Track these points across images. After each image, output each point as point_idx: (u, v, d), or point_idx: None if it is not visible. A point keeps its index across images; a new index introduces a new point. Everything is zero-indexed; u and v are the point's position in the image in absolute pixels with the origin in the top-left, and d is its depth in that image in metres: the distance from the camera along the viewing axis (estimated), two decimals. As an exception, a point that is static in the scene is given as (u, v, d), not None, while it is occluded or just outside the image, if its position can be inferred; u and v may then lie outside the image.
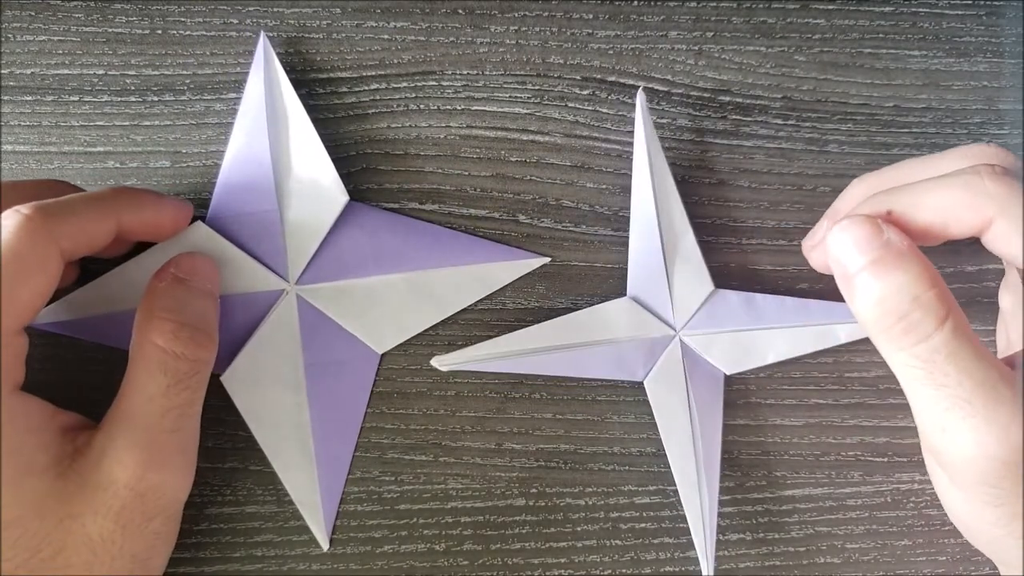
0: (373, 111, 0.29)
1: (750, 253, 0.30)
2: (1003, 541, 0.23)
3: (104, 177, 0.28)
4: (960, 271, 0.30)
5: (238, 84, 0.28)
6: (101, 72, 0.28)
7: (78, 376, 0.27)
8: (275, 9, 0.29)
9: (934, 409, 0.22)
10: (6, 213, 0.22)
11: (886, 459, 0.30)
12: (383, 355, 0.29)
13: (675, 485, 0.28)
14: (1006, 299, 0.27)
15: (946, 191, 0.23)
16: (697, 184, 0.30)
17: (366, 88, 0.29)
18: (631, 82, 0.29)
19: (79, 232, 0.23)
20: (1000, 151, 0.25)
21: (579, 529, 0.29)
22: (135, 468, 0.23)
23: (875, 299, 0.23)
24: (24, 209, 0.22)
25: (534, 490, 0.29)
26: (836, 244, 0.24)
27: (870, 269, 0.23)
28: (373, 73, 0.29)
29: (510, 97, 0.29)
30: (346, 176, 0.28)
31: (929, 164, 0.26)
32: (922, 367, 0.22)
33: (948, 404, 0.22)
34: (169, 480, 0.24)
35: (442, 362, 0.28)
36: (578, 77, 0.29)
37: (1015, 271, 0.27)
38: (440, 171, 0.29)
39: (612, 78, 0.29)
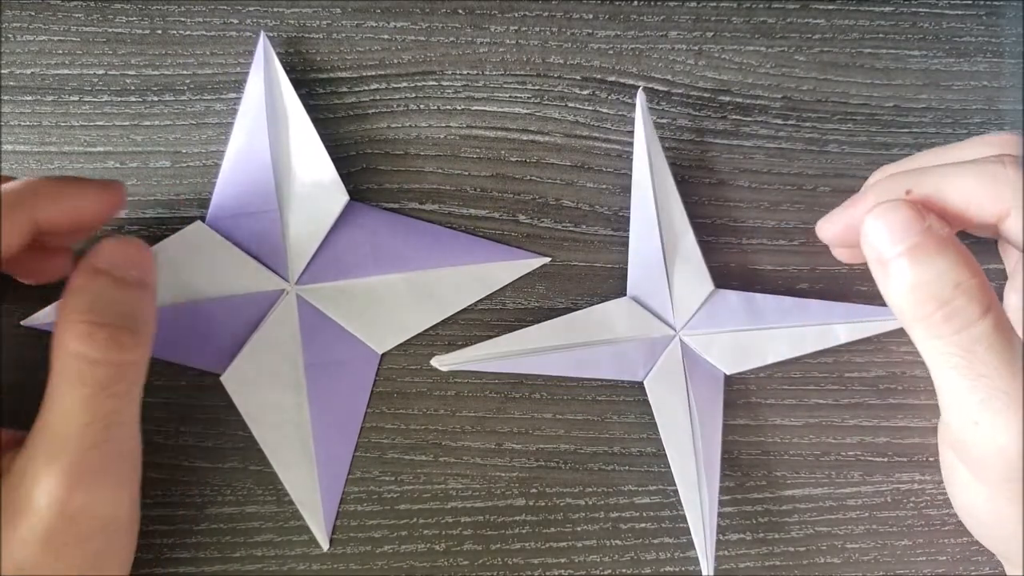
0: (373, 111, 0.29)
1: (750, 253, 0.30)
2: (1020, 539, 0.22)
3: (104, 177, 0.28)
4: (960, 271, 0.30)
5: (238, 84, 0.28)
6: (101, 72, 0.28)
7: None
8: (275, 9, 0.29)
9: (968, 400, 0.22)
10: None
11: (886, 459, 0.30)
12: (383, 355, 0.29)
13: (675, 485, 0.28)
14: (1012, 299, 0.27)
15: (969, 177, 0.23)
16: (697, 184, 0.30)
17: (366, 88, 0.29)
18: (631, 82, 0.29)
19: (12, 233, 0.21)
20: (1021, 140, 0.24)
21: (579, 529, 0.29)
22: (58, 490, 0.20)
23: (912, 284, 0.22)
24: None
25: (534, 490, 0.29)
26: (873, 229, 0.23)
27: (909, 254, 0.22)
28: (373, 73, 0.29)
29: (510, 97, 0.29)
30: (346, 176, 0.28)
31: (952, 152, 0.25)
32: (961, 356, 0.22)
33: (985, 395, 0.21)
34: (100, 498, 0.21)
35: (442, 362, 0.28)
36: (578, 77, 0.29)
37: (1019, 273, 0.27)
38: (440, 171, 0.29)
39: (612, 78, 0.29)
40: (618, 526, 0.29)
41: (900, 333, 0.28)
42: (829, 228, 0.27)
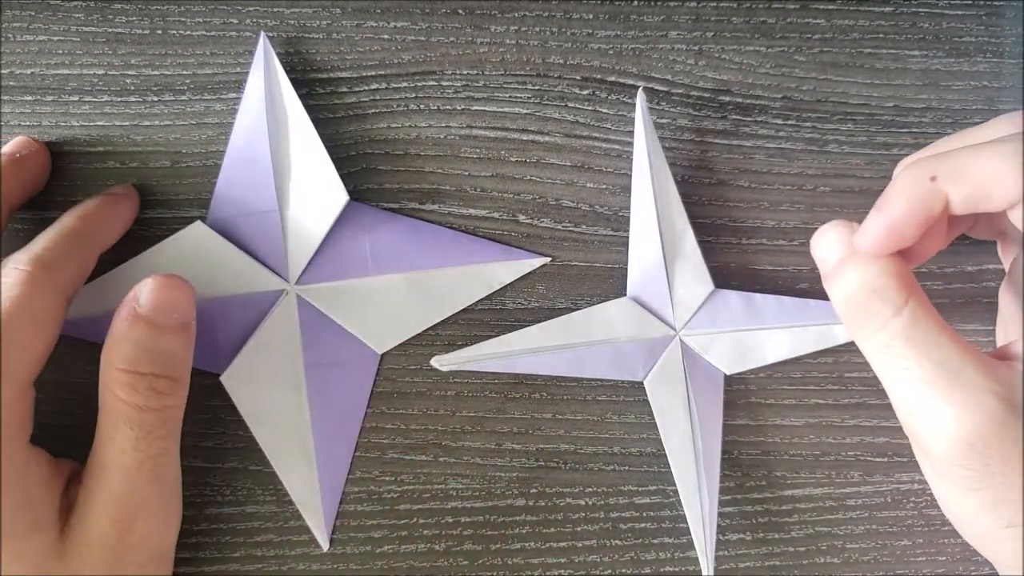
0: (373, 111, 0.29)
1: (750, 253, 0.30)
2: (991, 531, 0.22)
3: (104, 177, 0.28)
4: (960, 271, 0.30)
5: (238, 84, 0.28)
6: (101, 72, 0.28)
7: (78, 376, 0.27)
8: (275, 9, 0.28)
9: (903, 394, 0.23)
10: (5, 270, 0.23)
11: (886, 459, 0.30)
12: (383, 355, 0.29)
13: (675, 485, 0.28)
14: (1006, 300, 0.27)
15: (993, 159, 0.22)
16: (697, 184, 0.30)
17: (366, 88, 0.29)
18: (631, 82, 0.29)
19: (76, 273, 0.24)
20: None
21: (579, 529, 0.29)
22: (122, 523, 0.23)
23: (843, 295, 0.24)
24: (23, 265, 0.23)
25: (534, 490, 0.29)
26: (815, 248, 0.25)
27: (837, 270, 0.24)
28: (373, 73, 0.29)
29: (510, 97, 0.29)
30: (346, 176, 0.28)
31: (976, 134, 0.25)
32: (886, 353, 0.23)
33: (912, 388, 0.22)
34: (155, 527, 0.24)
35: (442, 362, 0.28)
36: (578, 77, 0.29)
37: (1016, 271, 0.27)
38: (440, 171, 0.29)
39: (612, 78, 0.29)
40: (618, 526, 0.29)
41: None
42: (870, 240, 0.23)
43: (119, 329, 0.23)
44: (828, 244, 0.25)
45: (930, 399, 0.22)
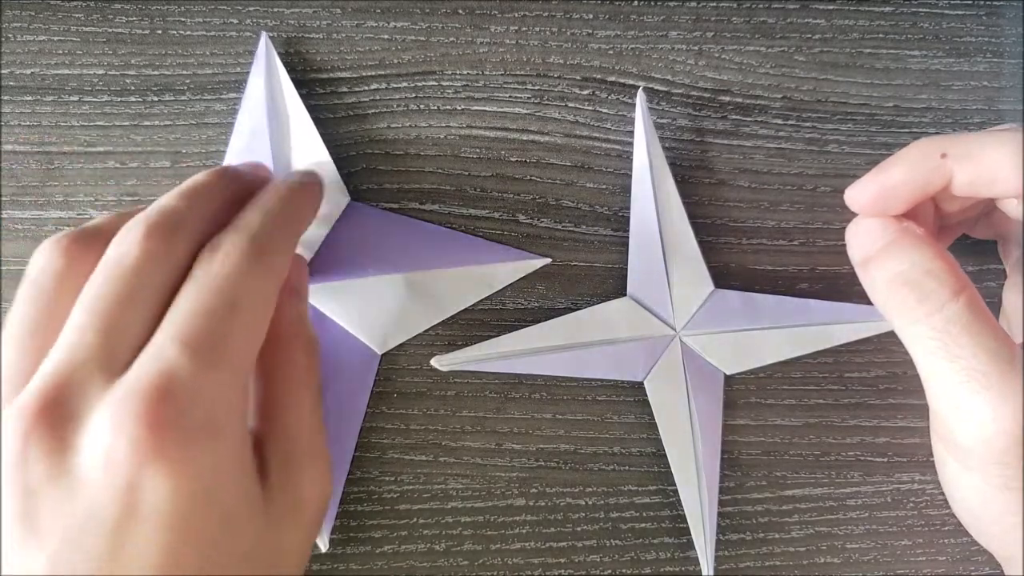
0: (373, 111, 0.29)
1: (750, 253, 0.30)
2: (1012, 531, 0.22)
3: (104, 177, 0.28)
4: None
5: (238, 84, 0.28)
6: (101, 72, 0.28)
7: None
8: (275, 9, 0.29)
9: (949, 383, 0.22)
10: (226, 249, 0.21)
11: (886, 459, 0.30)
12: (383, 355, 0.29)
13: (675, 485, 0.28)
14: (1010, 299, 0.27)
15: (1005, 145, 0.23)
16: (697, 184, 0.30)
17: (366, 88, 0.29)
18: (631, 82, 0.29)
19: (287, 259, 0.23)
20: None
21: (579, 529, 0.29)
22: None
23: (890, 276, 0.23)
24: (245, 244, 0.22)
25: (534, 490, 0.29)
26: (854, 234, 0.25)
27: (886, 250, 0.24)
28: (373, 73, 0.29)
29: (510, 97, 0.29)
30: (346, 176, 0.28)
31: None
32: (937, 338, 0.22)
33: (963, 377, 0.22)
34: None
35: (442, 362, 0.28)
36: (578, 77, 0.29)
37: (1018, 272, 0.27)
38: (440, 171, 0.29)
39: (612, 78, 0.29)
40: (618, 526, 0.29)
41: (900, 333, 0.28)
42: (860, 195, 0.25)
43: (286, 305, 0.24)
44: (871, 229, 0.24)
45: (984, 390, 0.21)
